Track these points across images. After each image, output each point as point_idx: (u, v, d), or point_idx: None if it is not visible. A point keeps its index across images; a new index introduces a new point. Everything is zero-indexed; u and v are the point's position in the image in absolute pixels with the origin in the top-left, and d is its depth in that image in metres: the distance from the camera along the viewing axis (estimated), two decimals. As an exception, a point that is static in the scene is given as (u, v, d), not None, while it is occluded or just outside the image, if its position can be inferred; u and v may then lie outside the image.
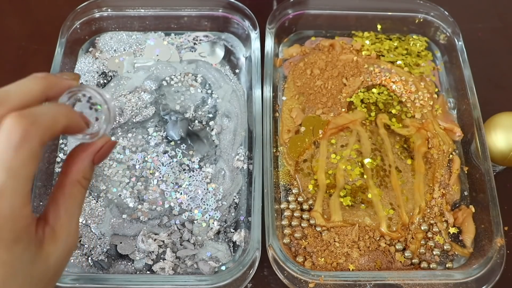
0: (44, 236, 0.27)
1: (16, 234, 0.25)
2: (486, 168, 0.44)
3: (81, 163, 0.29)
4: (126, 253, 0.42)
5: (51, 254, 0.27)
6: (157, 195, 0.45)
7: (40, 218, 0.28)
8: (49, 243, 0.27)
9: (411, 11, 0.56)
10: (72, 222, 0.29)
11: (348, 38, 0.56)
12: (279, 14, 0.54)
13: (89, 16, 0.54)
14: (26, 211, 0.25)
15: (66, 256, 0.29)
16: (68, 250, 0.28)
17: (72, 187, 0.29)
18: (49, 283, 0.28)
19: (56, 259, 0.27)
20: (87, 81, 0.52)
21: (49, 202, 0.29)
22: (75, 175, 0.29)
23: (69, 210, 0.29)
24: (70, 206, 0.29)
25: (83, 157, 0.30)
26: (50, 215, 0.28)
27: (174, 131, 0.47)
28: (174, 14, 0.55)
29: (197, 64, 0.53)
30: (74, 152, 0.30)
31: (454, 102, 0.51)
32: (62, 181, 0.29)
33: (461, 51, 0.52)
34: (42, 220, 0.28)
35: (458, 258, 0.43)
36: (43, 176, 0.45)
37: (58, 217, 0.28)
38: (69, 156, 0.30)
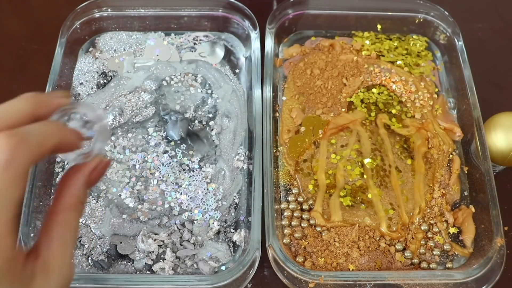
0: (35, 272, 0.25)
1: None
2: (486, 168, 0.44)
3: (74, 186, 0.27)
4: (126, 253, 0.42)
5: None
6: (157, 195, 0.45)
7: (31, 252, 0.26)
8: (40, 278, 0.25)
9: (411, 11, 0.56)
10: (65, 252, 0.26)
11: (348, 38, 0.56)
12: (279, 14, 0.54)
13: (89, 16, 0.54)
14: (9, 242, 0.23)
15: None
16: (62, 285, 0.26)
17: (65, 213, 0.27)
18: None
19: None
20: (87, 81, 0.52)
21: (41, 232, 0.27)
22: (69, 199, 0.27)
23: (63, 238, 0.26)
24: (64, 233, 0.26)
25: (76, 179, 0.28)
26: (42, 246, 0.26)
27: (174, 131, 0.47)
28: (174, 14, 0.55)
29: (197, 64, 0.53)
30: (67, 175, 0.28)
31: (454, 102, 0.51)
32: (54, 208, 0.27)
33: (461, 51, 0.52)
34: (33, 254, 0.26)
35: (458, 258, 0.43)
36: (43, 176, 0.45)
37: (51, 247, 0.26)
38: (61, 180, 0.28)
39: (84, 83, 0.51)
